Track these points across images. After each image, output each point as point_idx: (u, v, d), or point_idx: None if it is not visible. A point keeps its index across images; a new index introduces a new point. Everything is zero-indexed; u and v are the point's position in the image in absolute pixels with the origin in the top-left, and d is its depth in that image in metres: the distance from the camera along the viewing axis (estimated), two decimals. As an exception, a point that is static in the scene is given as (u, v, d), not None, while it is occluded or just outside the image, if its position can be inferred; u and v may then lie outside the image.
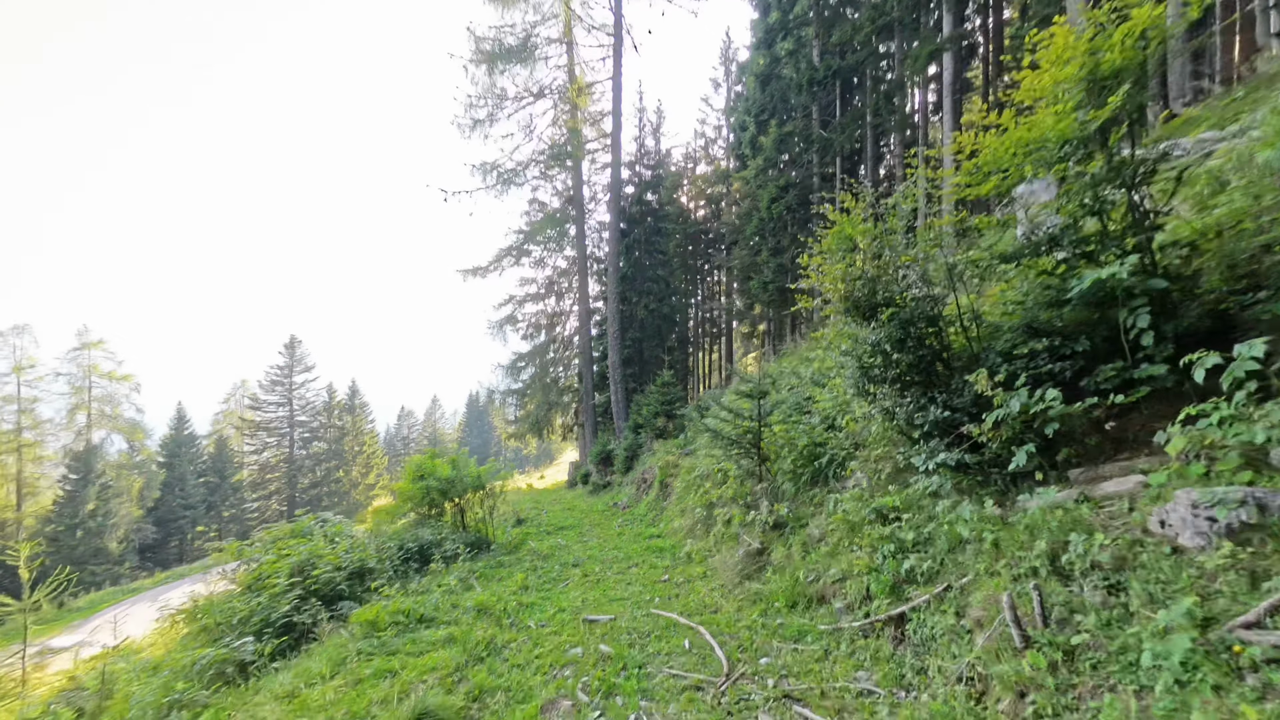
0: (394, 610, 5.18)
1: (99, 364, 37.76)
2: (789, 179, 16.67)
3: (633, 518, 12.54)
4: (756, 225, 17.89)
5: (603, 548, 9.62)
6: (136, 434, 39.42)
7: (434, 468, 9.82)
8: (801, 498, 5.99)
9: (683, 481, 10.77)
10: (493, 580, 7.34)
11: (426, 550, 8.45)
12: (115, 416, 38.42)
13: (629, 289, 21.65)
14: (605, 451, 18.54)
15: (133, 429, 39.11)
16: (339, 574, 6.58)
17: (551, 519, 13.91)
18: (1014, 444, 3.69)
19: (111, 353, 38.35)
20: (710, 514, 8.42)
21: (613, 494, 16.51)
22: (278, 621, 5.61)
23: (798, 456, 6.12)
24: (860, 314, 4.83)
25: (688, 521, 9.28)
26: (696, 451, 11.75)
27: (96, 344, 37.72)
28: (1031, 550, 3.07)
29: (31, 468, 36.20)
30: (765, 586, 5.25)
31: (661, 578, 6.98)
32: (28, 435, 35.67)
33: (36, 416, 36.08)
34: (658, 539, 9.67)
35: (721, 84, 31.84)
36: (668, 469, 12.56)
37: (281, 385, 45.90)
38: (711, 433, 7.09)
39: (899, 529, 4.16)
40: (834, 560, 4.76)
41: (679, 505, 10.61)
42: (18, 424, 35.35)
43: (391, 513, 9.69)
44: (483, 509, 10.27)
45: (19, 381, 35.31)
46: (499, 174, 20.12)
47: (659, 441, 14.98)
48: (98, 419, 37.76)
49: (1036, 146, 3.88)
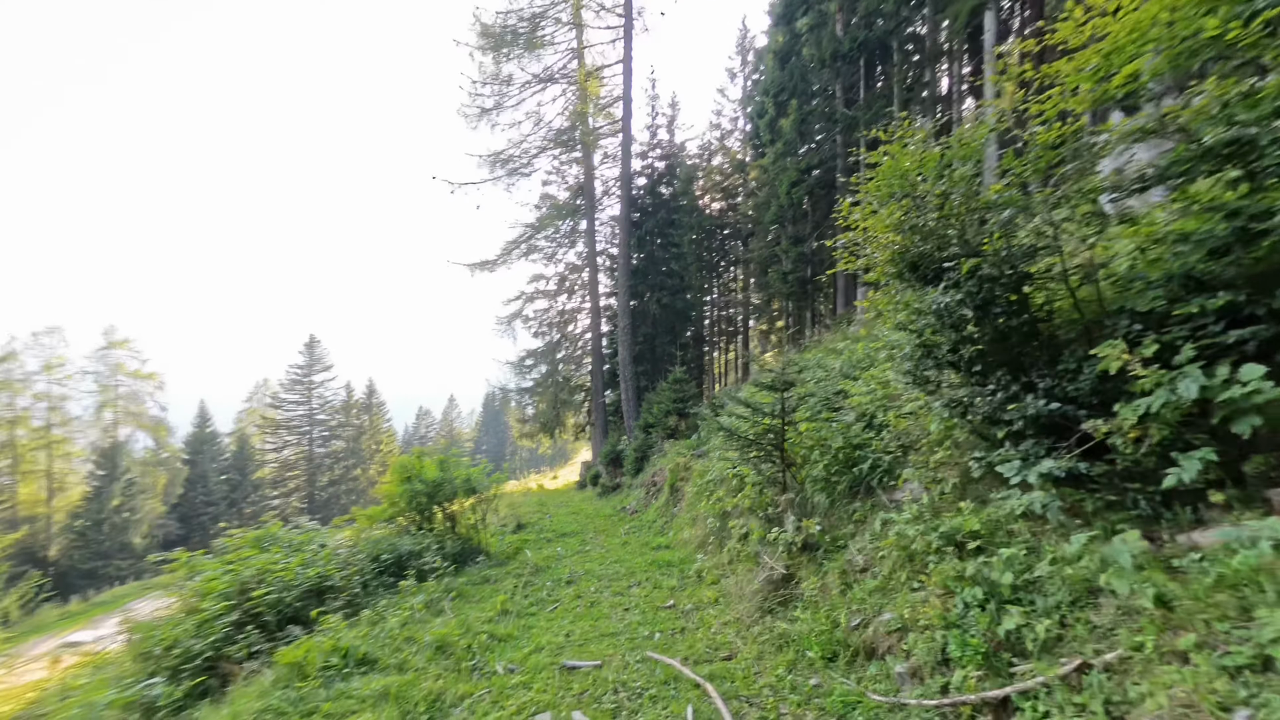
0: (329, 649, 4.12)
1: (125, 363, 38.12)
2: (810, 161, 15.34)
3: (640, 524, 11.39)
4: (775, 213, 16.60)
5: (604, 560, 8.49)
6: (160, 431, 39.70)
7: (420, 469, 8.82)
8: (838, 513, 4.77)
9: (694, 486, 9.59)
10: (470, 601, 6.26)
11: (404, 562, 7.43)
12: (140, 414, 38.74)
13: (641, 283, 20.51)
14: (615, 452, 17.43)
15: (157, 426, 39.40)
16: (290, 593, 5.56)
17: (555, 523, 12.85)
18: (1170, 447, 2.46)
19: (136, 351, 38.72)
20: (724, 525, 7.24)
21: (622, 497, 15.39)
22: (200, 655, 4.60)
23: (831, 461, 4.90)
24: (920, 276, 3.61)
25: (698, 532, 8.11)
26: (710, 453, 10.57)
27: (122, 343, 38.08)
28: (1227, 612, 1.85)
29: (61, 464, 36.62)
30: (793, 626, 4.06)
31: (666, 602, 5.82)
32: (57, 432, 36.09)
33: (65, 414, 36.51)
34: (665, 550, 8.52)
35: (738, 74, 30.54)
36: (678, 472, 11.39)
37: (301, 384, 45.89)
38: (726, 432, 5.91)
39: (987, 565, 2.93)
40: (887, 600, 3.54)
41: (690, 513, 9.44)
42: (48, 421, 35.77)
43: (373, 518, 8.71)
44: (475, 515, 9.23)
45: (49, 380, 35.74)
46: (507, 165, 19.20)
47: (670, 442, 13.81)
48: (123, 416, 38.11)
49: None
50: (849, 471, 4.79)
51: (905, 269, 3.63)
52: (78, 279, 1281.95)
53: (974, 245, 3.28)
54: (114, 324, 38.96)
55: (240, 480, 44.93)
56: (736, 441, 5.90)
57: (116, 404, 37.94)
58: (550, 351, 24.29)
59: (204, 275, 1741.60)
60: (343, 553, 7.31)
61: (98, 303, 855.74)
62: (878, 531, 4.18)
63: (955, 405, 3.60)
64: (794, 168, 15.29)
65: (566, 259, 24.77)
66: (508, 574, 7.57)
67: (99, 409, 37.54)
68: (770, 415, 5.45)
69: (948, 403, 3.66)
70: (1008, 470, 3.19)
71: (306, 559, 6.26)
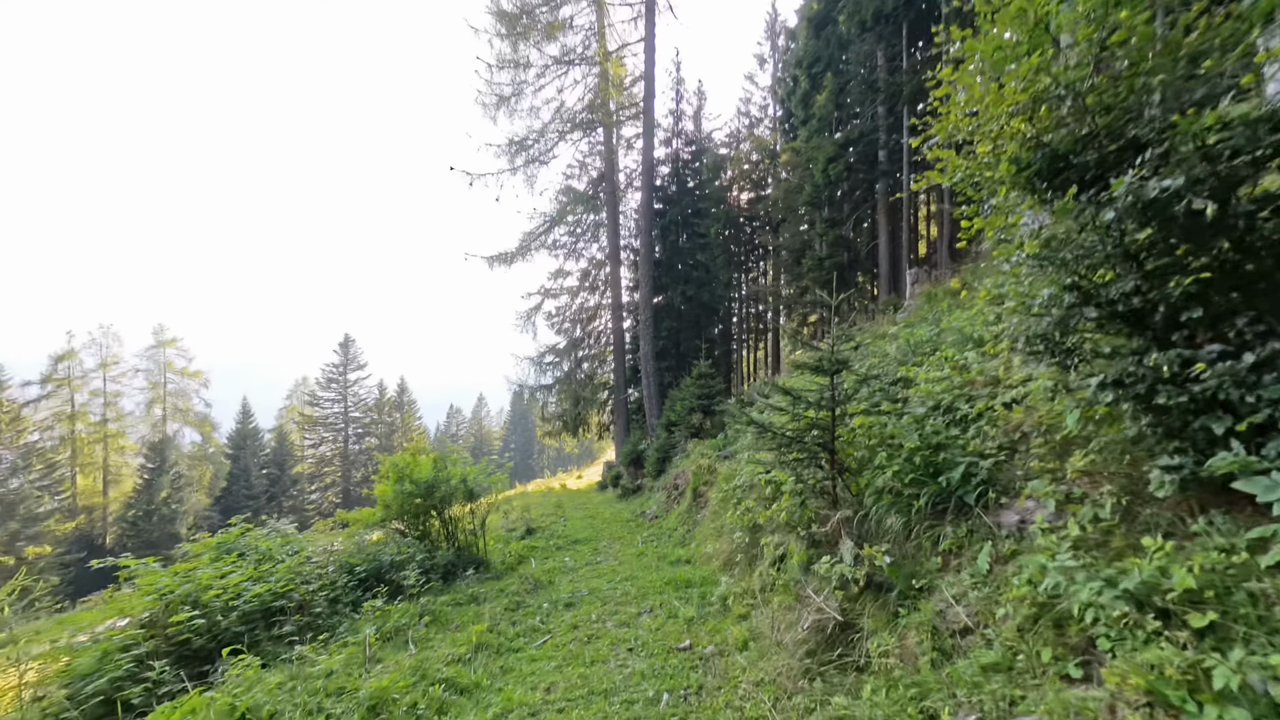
0: (223, 710, 3.03)
1: (173, 361, 39.32)
2: (848, 136, 13.76)
3: (660, 532, 10.13)
4: (809, 195, 15.06)
5: (615, 575, 7.29)
6: (205, 427, 40.81)
7: (414, 468, 7.81)
8: (917, 539, 3.40)
9: (719, 492, 8.28)
10: (446, 629, 5.14)
11: (384, 575, 6.40)
12: (186, 410, 39.90)
13: (665, 275, 19.26)
14: (636, 452, 16.22)
15: (202, 422, 40.52)
16: (227, 617, 4.56)
17: (569, 528, 11.72)
18: None
19: (184, 350, 39.91)
20: (755, 541, 5.92)
21: (642, 500, 14.16)
22: (91, 697, 3.61)
23: (904, 467, 3.53)
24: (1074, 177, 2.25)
25: (724, 546, 6.81)
26: (737, 455, 9.24)
27: (171, 342, 39.30)
28: None
29: (115, 457, 37.96)
30: (858, 707, 2.74)
31: (681, 642, 4.55)
32: (112, 427, 37.43)
33: (119, 409, 37.85)
34: (685, 566, 7.25)
35: (767, 60, 28.97)
36: (702, 475, 10.08)
37: (336, 382, 46.53)
38: (758, 427, 4.60)
39: (1249, 664, 1.56)
40: (1023, 690, 2.19)
41: (714, 522, 8.13)
42: (103, 416, 37.13)
43: (363, 521, 7.74)
44: (473, 521, 8.16)
45: (105, 377, 37.11)
46: (526, 151, 18.27)
47: (694, 442, 12.50)
48: (172, 412, 39.31)
49: None
50: (930, 481, 3.41)
51: (1044, 168, 2.27)
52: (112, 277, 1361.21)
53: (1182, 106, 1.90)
54: (162, 323, 40.27)
55: (279, 475, 45.83)
56: (771, 439, 4.57)
57: (165, 400, 39.16)
58: (572, 349, 23.28)
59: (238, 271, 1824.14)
60: (318, 561, 6.34)
61: (134, 301, 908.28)
62: (983, 573, 2.81)
63: (1128, 382, 2.22)
64: (830, 144, 13.74)
65: (589, 254, 23.75)
66: (501, 591, 6.44)
67: (149, 405, 38.81)
68: (816, 405, 4.12)
69: (1113, 380, 2.27)
70: (1257, 488, 1.80)
71: (261, 573, 5.26)
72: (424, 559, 6.75)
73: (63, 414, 35.83)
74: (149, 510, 37.10)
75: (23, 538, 32.81)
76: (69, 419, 36.02)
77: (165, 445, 38.88)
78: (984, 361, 4.73)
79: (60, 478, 34.91)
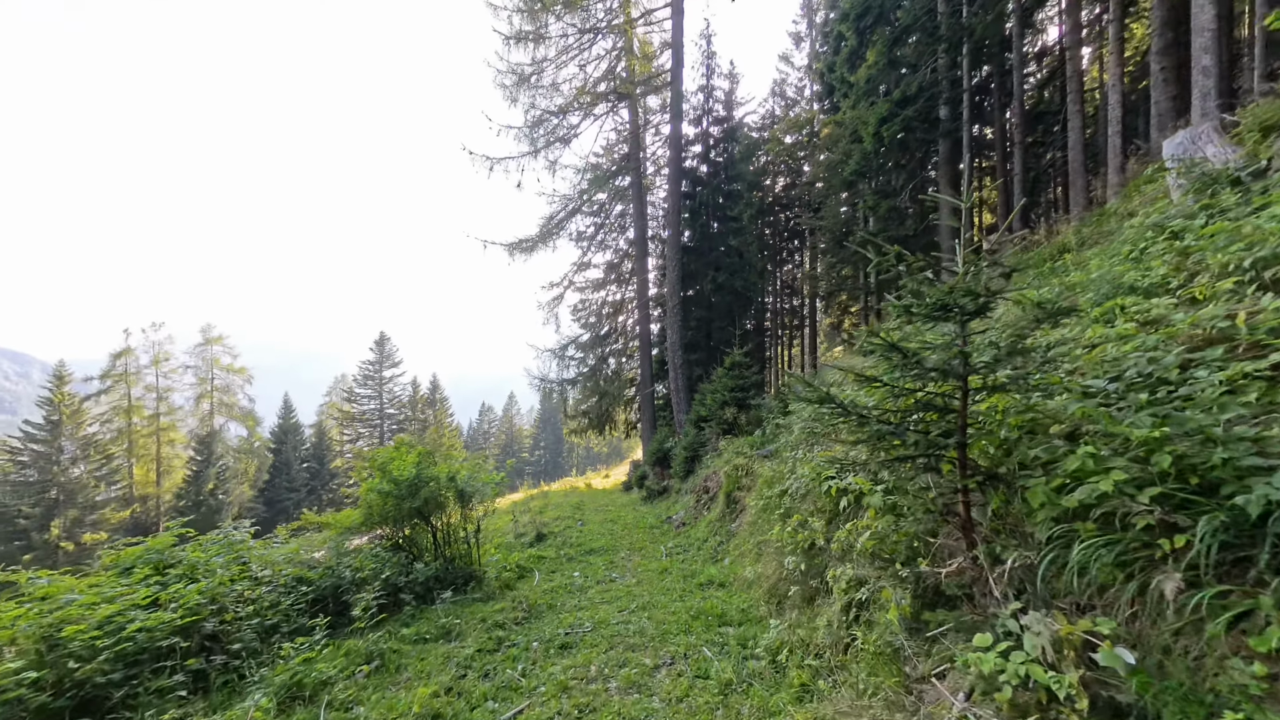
0: None
1: (219, 358, 40.23)
2: (904, 91, 11.78)
3: (687, 542, 8.55)
4: (857, 164, 13.14)
5: (630, 598, 5.76)
6: (250, 421, 41.59)
7: (396, 464, 6.51)
8: (1178, 615, 1.71)
9: (759, 499, 6.63)
10: (392, 681, 3.72)
11: (343, 593, 5.07)
12: (232, 405, 40.75)
13: (695, 261, 17.62)
14: (662, 450, 14.65)
15: (246, 416, 41.30)
16: (91, 661, 3.26)
17: (586, 534, 10.27)
18: None
19: (229, 347, 40.77)
20: (815, 570, 4.29)
21: (668, 503, 12.58)
22: None
23: (1131, 474, 1.85)
24: None
25: (768, 571, 5.18)
26: (779, 453, 7.56)
27: (217, 340, 40.22)
28: None
29: (167, 449, 39.04)
30: None
31: (715, 728, 2.98)
32: (164, 420, 38.50)
33: (171, 404, 38.91)
34: (718, 591, 5.67)
35: (804, 38, 26.89)
36: (737, 477, 8.44)
37: (373, 380, 46.81)
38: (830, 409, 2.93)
39: None
40: None
41: (753, 536, 6.50)
42: (156, 410, 38.23)
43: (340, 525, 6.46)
44: (466, 528, 6.78)
45: (157, 373, 38.22)
46: (548, 133, 17.01)
47: (727, 439, 10.84)
48: (218, 407, 40.21)
49: None
50: (1211, 504, 1.72)
51: None
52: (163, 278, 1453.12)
53: None
54: (210, 322, 41.29)
55: (319, 469, 46.44)
56: (848, 424, 2.93)
57: (212, 395, 40.09)
58: (597, 344, 21.91)
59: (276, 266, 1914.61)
60: (264, 576, 5.05)
61: (184, 301, 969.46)
62: None
63: None
64: (884, 103, 11.81)
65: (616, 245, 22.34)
66: (484, 621, 4.99)
67: (197, 399, 39.79)
68: (941, 370, 2.47)
69: None
70: None
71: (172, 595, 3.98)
72: (394, 574, 5.39)
73: (120, 408, 37.05)
74: (197, 501, 37.96)
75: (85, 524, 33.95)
76: (125, 412, 37.21)
77: (212, 438, 39.80)
78: (1190, 310, 2.97)
79: (117, 468, 36.05)
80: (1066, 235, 7.35)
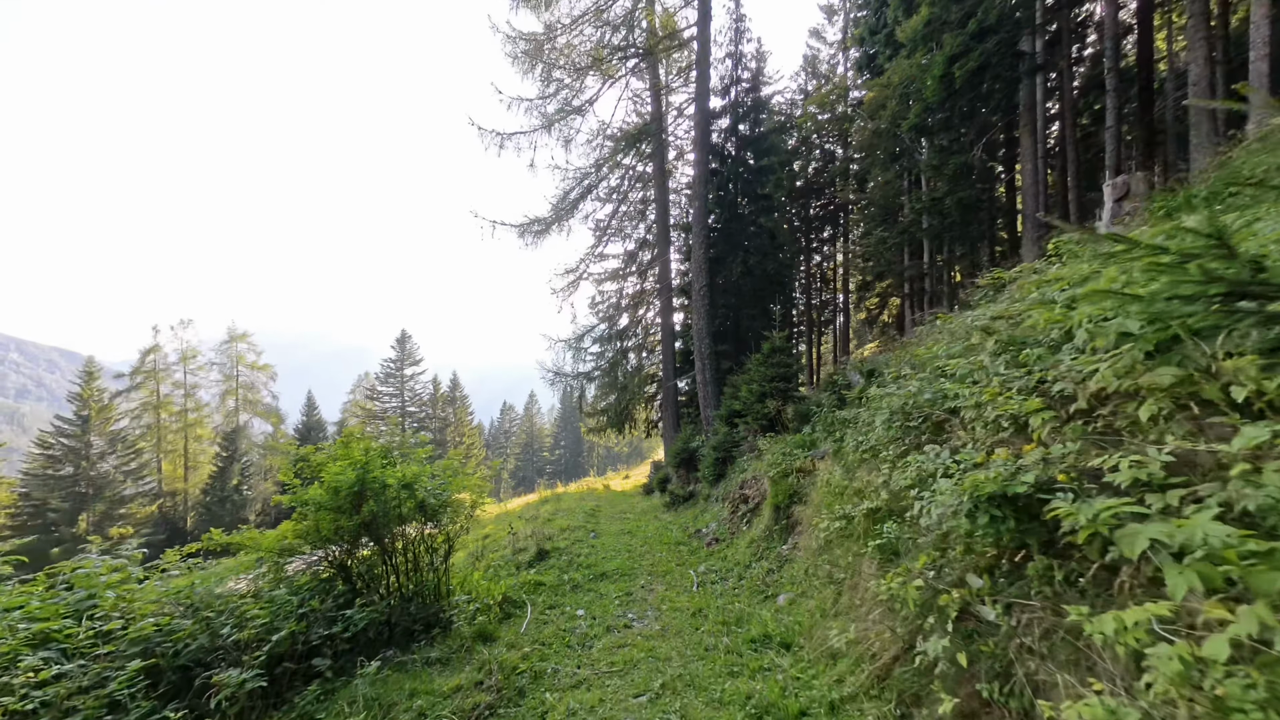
0: None
1: (244, 355, 39.86)
2: (982, 21, 9.61)
3: (724, 567, 6.61)
4: (915, 119, 10.97)
5: (652, 668, 3.88)
6: (274, 418, 41.11)
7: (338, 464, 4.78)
8: None
9: (829, 517, 4.62)
10: None
11: (221, 657, 3.31)
12: (255, 402, 40.32)
13: (722, 244, 15.66)
14: (687, 451, 12.70)
15: (270, 413, 40.83)
16: None
17: (598, 549, 8.41)
18: None
19: (253, 344, 40.39)
20: (976, 656, 2.31)
21: (695, 512, 10.62)
22: None
23: None
24: None
25: (871, 635, 3.23)
26: (843, 451, 5.56)
27: (242, 337, 39.87)
28: None
29: (194, 445, 38.81)
30: None
31: None
32: (191, 416, 38.26)
33: (198, 400, 38.66)
34: (782, 660, 3.75)
35: (838, 11, 24.65)
36: (787, 484, 6.45)
37: (394, 378, 46.05)
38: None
39: None
40: None
41: (824, 557, 4.54)
42: (184, 406, 38.01)
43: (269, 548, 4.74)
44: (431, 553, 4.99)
45: (184, 370, 38.01)
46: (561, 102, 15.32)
47: (768, 438, 8.83)
48: (243, 404, 39.82)
49: None
50: None
51: None
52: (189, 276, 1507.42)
53: None
54: (235, 320, 41.04)
55: (341, 466, 45.86)
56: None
57: (237, 392, 39.71)
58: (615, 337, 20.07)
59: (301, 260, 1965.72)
60: (117, 624, 3.33)
61: (207, 299, 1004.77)
62: None
63: None
64: (958, 35, 9.65)
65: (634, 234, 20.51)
66: (428, 711, 3.16)
67: (223, 396, 39.46)
68: None
69: None
70: None
71: None
72: (308, 626, 3.60)
73: (149, 404, 36.90)
74: (222, 496, 37.55)
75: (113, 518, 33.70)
76: (154, 409, 37.04)
77: (237, 435, 39.40)
78: None
79: (146, 462, 35.85)
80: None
